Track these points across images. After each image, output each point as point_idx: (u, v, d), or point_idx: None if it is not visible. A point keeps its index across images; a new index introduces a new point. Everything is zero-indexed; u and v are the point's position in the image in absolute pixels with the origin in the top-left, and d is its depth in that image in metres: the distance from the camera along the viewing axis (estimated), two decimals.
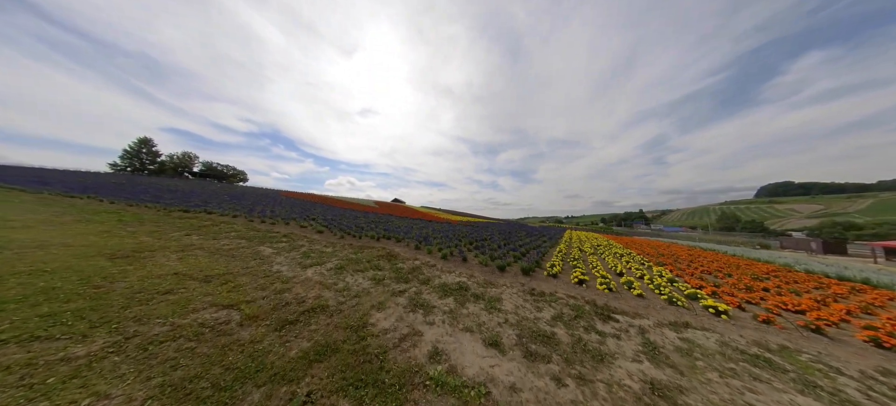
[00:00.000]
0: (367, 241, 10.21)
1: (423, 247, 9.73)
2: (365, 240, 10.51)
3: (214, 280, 4.62)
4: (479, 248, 11.64)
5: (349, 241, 9.78)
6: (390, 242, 10.54)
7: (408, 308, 4.38)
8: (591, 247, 17.54)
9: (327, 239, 9.86)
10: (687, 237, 62.18)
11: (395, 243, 10.40)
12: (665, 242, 28.91)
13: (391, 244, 10.18)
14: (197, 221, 11.01)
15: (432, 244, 10.18)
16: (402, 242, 10.68)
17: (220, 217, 13.05)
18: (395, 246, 9.88)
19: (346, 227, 13.07)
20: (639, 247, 19.85)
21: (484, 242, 13.06)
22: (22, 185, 18.92)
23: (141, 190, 23.22)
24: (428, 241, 10.77)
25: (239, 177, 71.36)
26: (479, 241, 13.76)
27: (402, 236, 11.20)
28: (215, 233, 8.91)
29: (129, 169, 57.71)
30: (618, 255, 14.01)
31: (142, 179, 39.18)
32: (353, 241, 10.13)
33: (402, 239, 10.86)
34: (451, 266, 7.84)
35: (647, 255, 15.49)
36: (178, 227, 9.35)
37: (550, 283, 7.39)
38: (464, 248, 10.50)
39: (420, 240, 10.72)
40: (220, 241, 7.79)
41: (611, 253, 14.88)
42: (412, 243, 10.30)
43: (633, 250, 17.05)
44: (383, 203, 67.41)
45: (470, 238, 13.88)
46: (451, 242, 11.40)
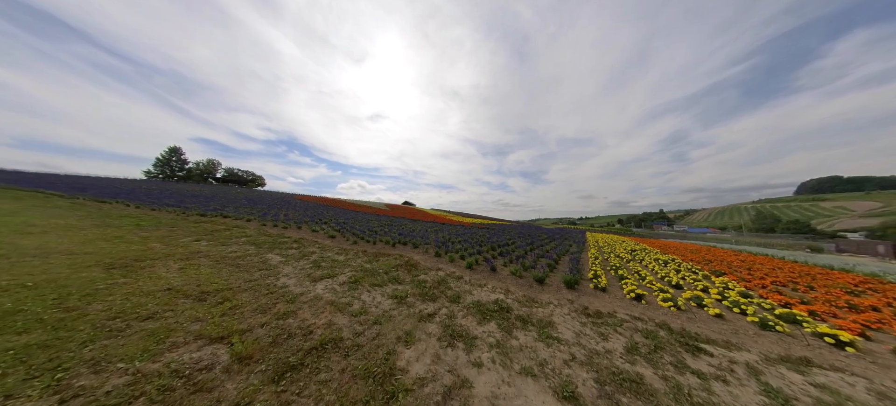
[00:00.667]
0: (382, 248, 9.37)
1: (443, 254, 8.75)
2: (380, 246, 9.69)
3: (210, 298, 3.87)
4: (505, 254, 10.48)
5: (363, 248, 8.99)
6: (407, 249, 9.64)
7: (443, 340, 3.38)
8: (626, 251, 15.77)
9: (339, 245, 9.12)
10: (716, 238, 57.00)
11: (412, 250, 9.48)
12: (703, 246, 26.06)
13: (408, 251, 9.28)
14: (211, 226, 10.71)
15: (453, 250, 9.17)
16: (420, 249, 9.75)
17: (235, 221, 12.81)
18: (414, 253, 8.96)
19: (359, 231, 12.37)
20: (677, 251, 17.75)
21: (508, 248, 11.87)
22: (62, 191, 20.08)
23: (167, 195, 24.16)
24: (447, 246, 9.77)
25: (257, 182, 74.33)
26: (501, 245, 12.58)
27: (419, 241, 10.28)
28: (226, 238, 8.44)
29: (160, 176, 61.72)
30: (661, 262, 12.30)
31: (170, 185, 41.40)
32: (367, 247, 9.33)
33: (420, 245, 9.94)
34: (480, 278, 6.77)
35: (693, 261, 13.59)
36: (191, 232, 9.00)
37: (602, 300, 6.14)
38: (488, 254, 9.39)
39: (439, 246, 9.75)
40: (229, 247, 7.23)
41: (651, 258, 13.16)
42: (431, 250, 9.34)
43: (676, 255, 15.12)
44: (394, 206, 67.49)
45: (491, 243, 12.74)
46: (473, 248, 10.34)
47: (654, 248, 18.62)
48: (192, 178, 65.34)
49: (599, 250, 15.61)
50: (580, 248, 15.66)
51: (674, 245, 24.02)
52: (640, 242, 23.78)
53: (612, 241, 22.26)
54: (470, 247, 10.46)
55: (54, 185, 23.70)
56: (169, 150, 64.43)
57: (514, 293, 5.77)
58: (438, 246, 9.68)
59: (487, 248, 10.90)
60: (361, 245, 9.49)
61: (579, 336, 4.17)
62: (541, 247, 14.47)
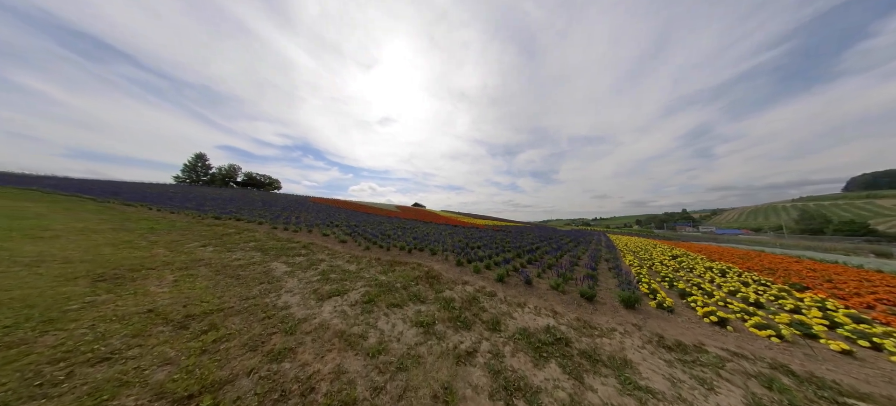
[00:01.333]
0: (397, 255, 8.49)
1: (466, 262, 7.73)
2: (394, 252, 8.81)
3: (194, 324, 3.11)
4: (534, 262, 9.28)
5: (376, 255, 8.15)
6: (424, 256, 8.70)
7: (496, 397, 2.36)
8: (668, 257, 13.95)
9: (351, 251, 8.35)
10: (753, 241, 51.62)
11: (430, 257, 8.53)
12: (747, 249, 23.12)
13: (426, 258, 8.33)
14: (222, 229, 10.37)
15: (476, 258, 8.11)
16: (439, 256, 8.78)
17: (247, 224, 12.51)
18: (432, 261, 8.00)
19: (372, 235, 11.62)
20: (722, 256, 15.55)
21: (535, 253, 10.62)
22: (97, 195, 21.15)
23: (189, 198, 25.00)
24: (468, 253, 8.73)
25: (274, 185, 77.10)
26: (525, 250, 11.36)
27: (436, 247, 9.31)
28: (233, 242, 7.91)
29: (187, 180, 65.47)
30: (717, 271, 10.53)
31: (194, 189, 43.43)
32: (381, 253, 8.48)
33: (438, 251, 8.96)
34: (516, 294, 5.68)
35: (750, 268, 11.62)
36: (200, 236, 8.60)
37: (675, 324, 4.85)
38: (517, 262, 8.24)
39: (460, 252, 8.74)
40: (234, 254, 6.64)
41: (702, 266, 11.38)
42: (451, 257, 8.34)
43: (726, 262, 13.13)
44: (404, 207, 67.35)
45: (516, 248, 11.54)
46: (497, 255, 9.23)
47: (695, 253, 16.50)
48: (215, 182, 68.81)
49: (635, 256, 13.91)
50: (611, 252, 14.04)
51: (713, 249, 21.42)
52: (677, 246, 21.43)
53: (643, 245, 20.18)
54: (492, 253, 9.36)
55: (92, 189, 25.19)
56: (195, 157, 68.31)
57: (563, 315, 4.64)
58: (459, 253, 8.67)
59: (513, 253, 9.73)
60: (374, 251, 8.67)
61: (675, 385, 3.00)
62: (569, 252, 13.05)
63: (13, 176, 35.50)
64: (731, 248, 27.01)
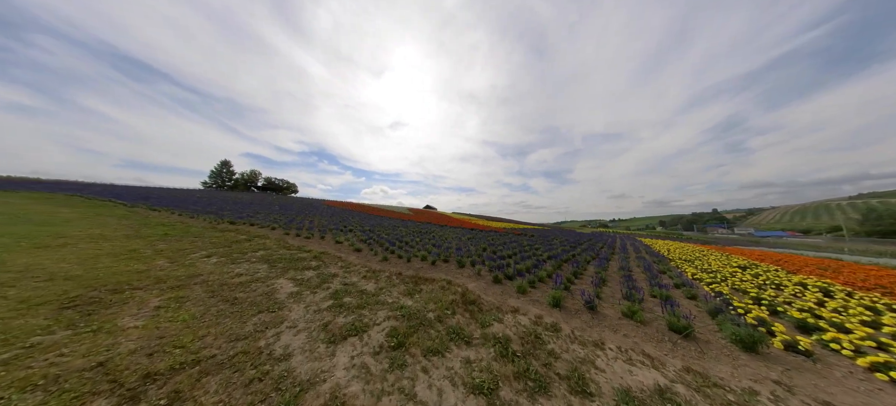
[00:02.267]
0: (419, 267, 7.35)
1: (504, 279, 6.42)
2: (416, 264, 7.68)
3: (151, 391, 2.12)
4: (578, 274, 7.77)
5: (396, 267, 7.05)
6: (451, 268, 7.49)
7: None
8: (735, 268, 11.72)
9: (367, 262, 7.31)
10: (803, 244, 45.41)
11: (458, 270, 7.31)
12: (825, 258, 19.69)
13: (453, 271, 7.12)
14: (233, 235, 9.80)
15: (519, 273, 6.77)
16: (468, 269, 7.53)
17: (260, 228, 11.99)
18: (463, 276, 6.78)
19: (388, 242, 10.60)
20: (795, 264, 12.93)
21: (578, 263, 9.05)
22: (131, 200, 22.11)
23: (212, 202, 25.70)
24: (500, 264, 7.39)
25: (291, 189, 79.74)
26: (563, 259, 9.81)
27: (463, 257, 8.05)
28: (241, 252, 7.16)
29: (213, 185, 69.25)
30: (815, 288, 8.37)
31: (219, 193, 45.43)
32: (401, 265, 7.38)
33: (465, 262, 7.70)
34: (581, 324, 4.31)
35: (851, 284, 9.23)
36: (209, 244, 7.97)
37: (830, 380, 3.27)
38: (566, 277, 6.78)
39: (491, 263, 7.45)
40: (238, 267, 5.82)
41: (790, 283, 9.20)
42: (485, 272, 7.05)
43: (812, 274, 10.72)
44: (417, 210, 66.84)
45: (553, 257, 10.03)
46: (538, 268, 7.82)
47: (765, 263, 13.95)
48: (238, 186, 72.29)
49: (693, 267, 11.83)
50: (663, 262, 12.06)
51: (777, 256, 18.34)
52: (736, 254, 18.58)
53: (693, 251, 17.63)
54: (529, 263, 7.96)
55: (123, 195, 26.60)
56: (220, 164, 72.20)
57: (664, 363, 3.22)
58: (490, 264, 7.38)
59: (552, 264, 8.24)
60: (393, 263, 7.58)
61: None
62: (608, 259, 11.28)
63: (70, 183, 38.84)
64: (793, 254, 23.36)
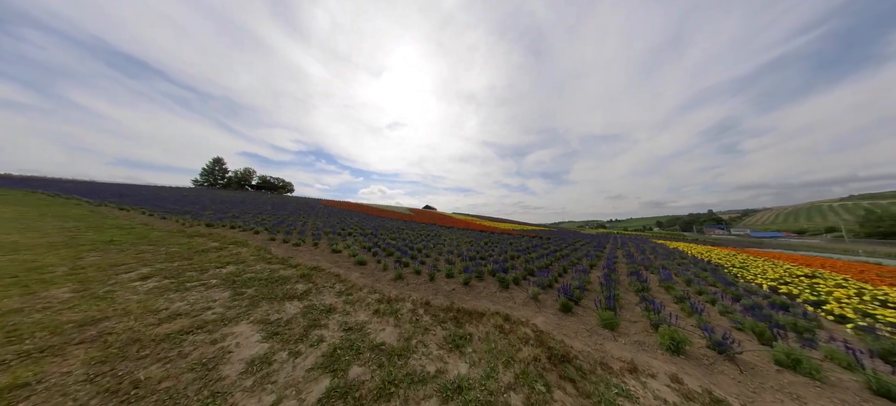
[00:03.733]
0: (449, 289, 5.38)
1: (572, 304, 4.52)
2: (442, 282, 5.70)
3: None
4: (642, 292, 5.89)
5: (418, 291, 5.08)
6: (491, 288, 5.53)
7: None
8: (782, 273, 9.94)
9: (376, 282, 5.33)
10: (807, 245, 44.44)
11: (501, 291, 5.36)
12: (859, 262, 18.13)
13: (498, 295, 5.18)
14: (203, 241, 7.74)
15: (611, 299, 4.86)
16: (513, 289, 5.60)
17: (242, 232, 9.91)
18: (515, 303, 4.85)
19: (398, 250, 8.61)
20: (868, 275, 11.24)
21: (638, 276, 7.14)
22: (106, 198, 19.71)
23: (198, 201, 23.41)
24: (565, 290, 5.47)
25: (287, 188, 77.05)
26: (609, 269, 7.92)
27: (504, 274, 6.07)
28: (201, 268, 5.13)
29: (205, 183, 66.25)
30: (871, 298, 6.55)
31: (208, 192, 42.79)
32: (423, 286, 5.40)
33: (508, 281, 5.72)
34: (741, 388, 2.40)
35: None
36: (165, 256, 5.92)
37: None
38: (659, 302, 4.89)
39: (543, 282, 5.52)
40: (186, 296, 3.83)
41: (837, 291, 7.37)
42: (540, 293, 5.11)
43: (849, 276, 8.99)
44: (418, 210, 64.75)
45: (592, 265, 8.12)
46: (609, 287, 5.91)
47: (815, 268, 12.25)
48: (231, 185, 69.40)
49: (767, 278, 9.98)
50: (713, 271, 10.24)
51: (800, 259, 16.70)
52: (766, 257, 16.84)
53: (731, 257, 15.81)
54: (582, 276, 6.05)
55: (102, 192, 24.13)
56: (213, 161, 69.21)
57: None
58: (542, 281, 5.46)
59: (602, 277, 6.28)
60: (411, 282, 5.59)
61: None
62: (650, 267, 9.30)
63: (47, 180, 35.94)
64: (807, 256, 21.80)
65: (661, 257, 12.89)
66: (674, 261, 11.94)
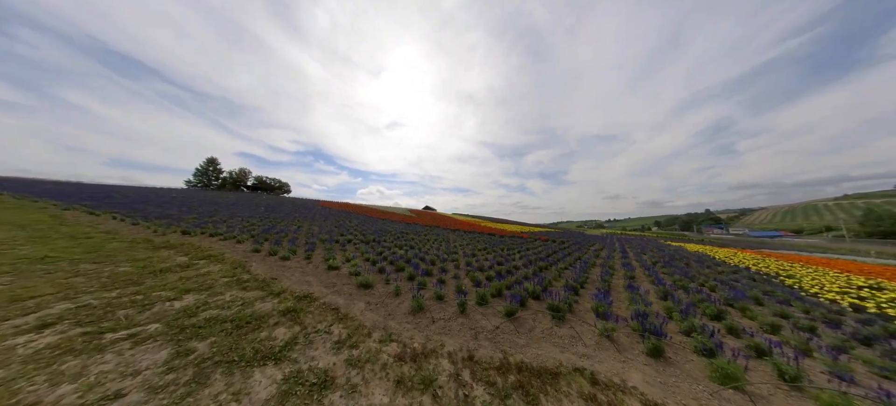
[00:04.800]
0: (484, 323, 3.99)
1: (654, 339, 3.18)
2: (479, 317, 4.30)
3: None
4: (716, 317, 4.54)
5: (453, 336, 3.65)
6: (543, 321, 4.16)
7: None
8: (830, 282, 8.70)
9: (388, 319, 3.88)
10: (810, 245, 43.87)
11: (555, 325, 3.98)
12: (879, 265, 17.10)
13: (550, 329, 3.80)
14: (170, 254, 6.25)
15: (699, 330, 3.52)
16: (577, 322, 4.22)
17: (223, 241, 8.40)
18: (582, 343, 3.48)
19: (410, 264, 7.18)
20: (852, 271, 10.07)
21: (703, 294, 5.79)
22: (77, 201, 17.96)
23: (184, 203, 21.68)
24: (658, 331, 4.09)
25: (283, 189, 75.06)
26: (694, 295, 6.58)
27: (560, 304, 4.68)
28: (143, 302, 3.64)
29: (199, 184, 63.99)
30: None
31: (199, 193, 40.80)
32: (456, 322, 3.98)
33: (562, 308, 4.34)
34: None
35: None
36: (108, 279, 4.47)
37: None
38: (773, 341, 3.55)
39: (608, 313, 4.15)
40: (103, 359, 2.43)
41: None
42: (617, 331, 3.74)
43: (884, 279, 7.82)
44: (418, 211, 63.22)
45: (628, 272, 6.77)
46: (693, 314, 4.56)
47: (834, 270, 11.07)
48: (226, 186, 67.22)
49: (835, 292, 8.70)
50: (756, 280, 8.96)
51: (821, 261, 15.59)
52: (793, 261, 15.67)
53: (768, 263, 14.60)
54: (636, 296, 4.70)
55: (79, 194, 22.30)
56: (206, 161, 66.94)
57: None
58: (605, 305, 4.11)
59: (673, 304, 4.93)
60: (438, 315, 4.17)
61: None
62: (695, 278, 7.87)
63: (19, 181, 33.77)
64: (825, 258, 20.79)
65: (694, 264, 11.60)
66: (712, 268, 10.67)
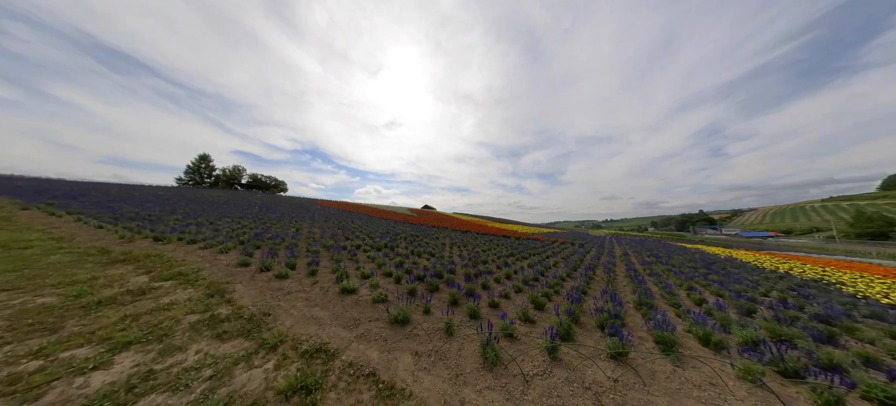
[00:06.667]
0: (589, 375, 2.55)
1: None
2: (575, 362, 2.87)
3: None
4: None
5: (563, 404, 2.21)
6: (657, 361, 2.74)
7: None
8: (881, 292, 7.54)
9: (464, 396, 2.41)
10: (804, 246, 43.94)
11: (676, 366, 2.57)
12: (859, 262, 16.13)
13: (672, 374, 2.39)
14: (123, 272, 4.67)
15: None
16: (699, 367, 2.81)
17: (202, 250, 6.74)
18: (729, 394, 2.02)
19: (448, 282, 5.71)
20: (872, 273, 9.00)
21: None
22: (41, 199, 15.90)
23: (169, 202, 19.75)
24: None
25: (280, 187, 72.50)
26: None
27: (660, 328, 3.30)
28: (37, 382, 2.17)
29: (189, 182, 60.99)
30: None
31: (189, 192, 38.42)
32: (550, 373, 2.56)
33: (673, 343, 2.96)
34: None
35: None
36: (20, 329, 2.93)
37: None
38: None
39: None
40: None
41: None
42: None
43: None
44: (418, 210, 61.57)
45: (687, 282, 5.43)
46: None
47: (851, 271, 9.96)
48: (219, 184, 64.39)
49: None
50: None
51: (831, 262, 14.63)
52: (801, 262, 14.61)
53: (804, 268, 13.44)
54: None
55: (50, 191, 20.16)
56: (199, 158, 63.91)
57: None
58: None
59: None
60: (525, 370, 2.72)
61: None
62: (735, 281, 6.59)
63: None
64: (834, 259, 19.90)
65: (730, 268, 10.38)
66: (754, 274, 9.46)
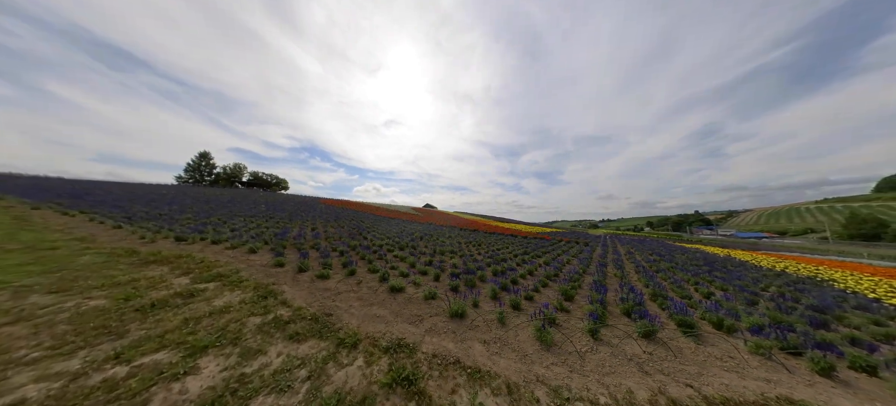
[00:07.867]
0: (638, 347, 2.66)
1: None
2: (624, 343, 2.97)
3: None
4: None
5: (614, 372, 2.32)
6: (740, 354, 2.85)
7: None
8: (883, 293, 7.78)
9: (535, 371, 2.51)
10: (799, 246, 44.53)
11: (707, 350, 2.69)
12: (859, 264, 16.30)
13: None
14: (160, 273, 4.72)
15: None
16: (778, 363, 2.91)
17: (230, 250, 6.76)
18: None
19: (473, 272, 5.81)
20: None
21: None
22: (37, 198, 15.81)
23: (175, 201, 19.69)
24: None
25: (281, 185, 72.13)
26: None
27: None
28: (131, 389, 2.22)
29: (190, 181, 60.45)
30: None
31: (193, 190, 38.17)
32: (610, 356, 2.66)
33: (705, 329, 3.03)
34: None
35: None
36: (56, 336, 2.99)
37: None
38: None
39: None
40: None
41: None
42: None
43: None
44: (421, 209, 61.60)
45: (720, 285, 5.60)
46: None
47: (842, 271, 10.20)
48: (219, 182, 63.92)
49: None
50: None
51: (838, 264, 14.84)
52: (800, 261, 14.83)
53: (822, 271, 13.65)
54: None
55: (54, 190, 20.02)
56: (198, 156, 63.40)
57: None
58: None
59: None
60: (576, 348, 2.80)
61: None
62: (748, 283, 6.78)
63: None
64: (825, 259, 20.08)
65: (731, 266, 10.55)
66: (754, 272, 9.64)
